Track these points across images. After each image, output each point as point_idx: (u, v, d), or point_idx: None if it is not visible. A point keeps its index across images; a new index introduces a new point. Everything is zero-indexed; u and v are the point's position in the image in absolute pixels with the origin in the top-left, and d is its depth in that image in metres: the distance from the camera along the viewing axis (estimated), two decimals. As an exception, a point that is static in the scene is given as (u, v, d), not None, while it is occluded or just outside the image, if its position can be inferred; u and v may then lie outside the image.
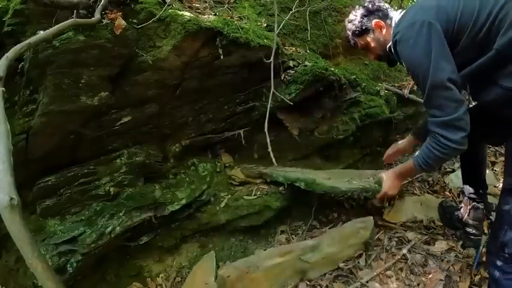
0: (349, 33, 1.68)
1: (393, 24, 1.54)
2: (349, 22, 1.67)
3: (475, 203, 1.78)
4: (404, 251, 1.89)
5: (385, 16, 1.60)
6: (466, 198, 1.83)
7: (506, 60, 1.25)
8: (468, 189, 1.81)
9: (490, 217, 1.86)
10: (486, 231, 1.84)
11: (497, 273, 1.37)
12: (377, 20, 1.57)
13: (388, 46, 1.52)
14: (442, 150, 1.34)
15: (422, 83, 1.33)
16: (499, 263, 1.36)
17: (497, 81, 1.28)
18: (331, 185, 1.98)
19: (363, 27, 1.60)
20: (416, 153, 1.50)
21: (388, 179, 1.69)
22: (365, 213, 2.28)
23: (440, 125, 1.33)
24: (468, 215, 1.80)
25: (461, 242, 1.86)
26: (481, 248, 1.72)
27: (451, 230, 1.98)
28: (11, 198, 0.81)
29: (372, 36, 1.60)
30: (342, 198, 2.38)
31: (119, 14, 1.68)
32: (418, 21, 1.32)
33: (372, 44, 1.62)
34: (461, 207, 1.87)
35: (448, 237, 1.94)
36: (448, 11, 1.30)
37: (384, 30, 1.57)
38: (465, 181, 1.87)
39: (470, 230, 1.80)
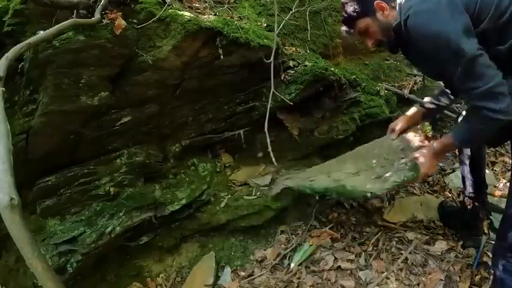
0: (346, 15, 1.51)
1: (397, 7, 1.41)
2: (346, 3, 1.49)
3: (475, 204, 1.79)
4: (404, 251, 1.89)
5: None
6: (466, 198, 1.84)
7: None
8: (468, 189, 1.81)
9: (490, 217, 1.87)
10: (486, 231, 1.84)
11: (503, 274, 1.36)
12: (379, 1, 1.44)
13: (393, 26, 1.40)
14: (487, 123, 1.24)
15: (453, 56, 1.22)
16: (505, 263, 1.35)
17: (510, 75, 1.24)
18: (364, 189, 1.71)
19: (363, 8, 1.46)
20: (454, 127, 1.43)
21: (427, 161, 1.57)
22: (365, 212, 2.28)
23: (481, 96, 1.22)
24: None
25: (461, 242, 1.86)
26: (481, 247, 1.72)
27: (451, 230, 1.98)
28: (11, 199, 0.81)
29: (372, 18, 1.46)
30: (343, 198, 2.38)
31: (119, 14, 1.69)
32: None
33: (372, 28, 1.47)
34: (457, 207, 1.87)
35: (448, 237, 1.94)
36: None
37: (387, 12, 1.43)
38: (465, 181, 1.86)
39: (471, 230, 1.80)
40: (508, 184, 2.24)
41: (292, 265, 1.95)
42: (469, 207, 1.80)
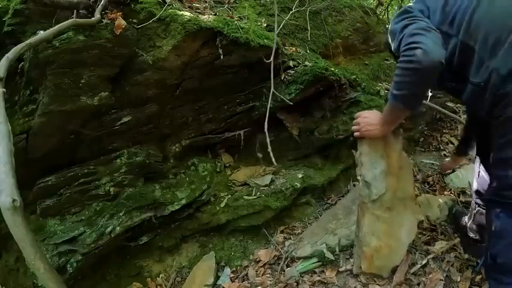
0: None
1: None
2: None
3: (480, 209, 1.74)
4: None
5: None
6: (473, 202, 1.79)
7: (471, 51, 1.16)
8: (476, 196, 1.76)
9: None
10: None
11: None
12: None
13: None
14: (406, 71, 1.17)
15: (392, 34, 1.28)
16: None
17: (468, 77, 1.19)
18: None
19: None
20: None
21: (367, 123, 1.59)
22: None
23: (400, 49, 1.19)
24: (473, 221, 1.76)
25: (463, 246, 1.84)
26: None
27: (452, 230, 1.98)
28: (14, 200, 0.81)
29: None
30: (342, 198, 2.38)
31: (119, 14, 1.69)
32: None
33: None
34: (468, 213, 1.84)
35: (448, 237, 1.95)
36: None
37: None
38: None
39: (472, 235, 1.77)
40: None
41: (294, 270, 1.92)
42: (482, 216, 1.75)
